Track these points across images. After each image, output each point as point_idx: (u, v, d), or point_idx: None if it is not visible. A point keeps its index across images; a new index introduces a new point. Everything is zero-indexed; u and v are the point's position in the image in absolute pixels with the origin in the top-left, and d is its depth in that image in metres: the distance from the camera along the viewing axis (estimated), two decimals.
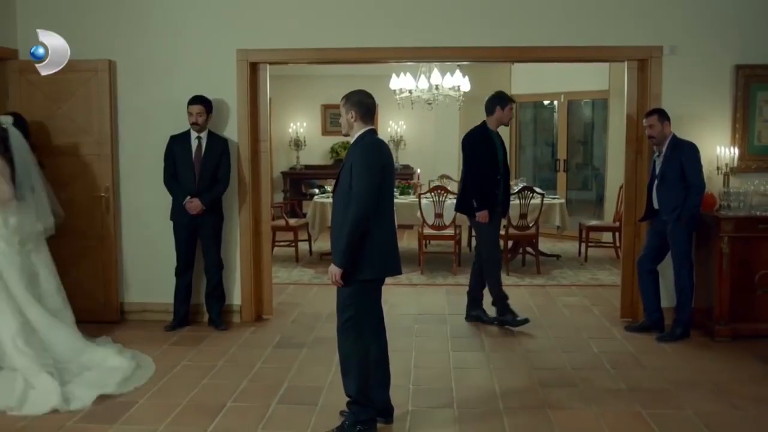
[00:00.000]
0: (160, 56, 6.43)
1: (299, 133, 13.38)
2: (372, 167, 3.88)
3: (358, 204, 3.84)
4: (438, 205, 8.54)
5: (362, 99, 4.08)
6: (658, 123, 5.81)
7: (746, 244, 5.79)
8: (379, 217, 3.94)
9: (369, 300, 4.08)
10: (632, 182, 6.39)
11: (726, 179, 6.02)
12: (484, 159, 6.22)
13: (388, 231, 4.03)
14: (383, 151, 4.01)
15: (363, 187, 3.86)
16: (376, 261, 3.96)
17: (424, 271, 8.69)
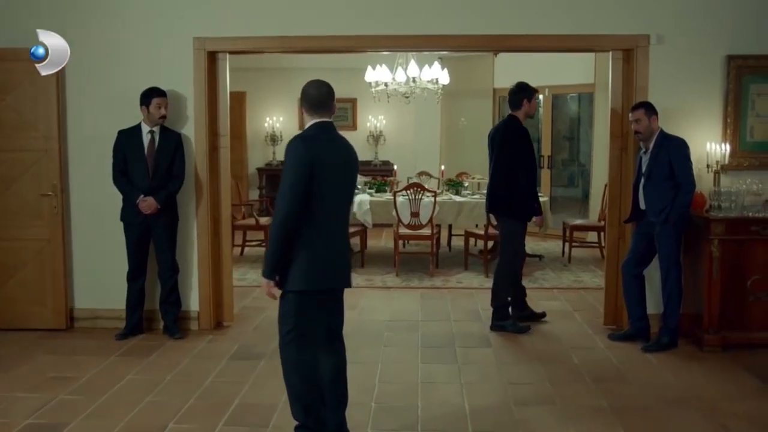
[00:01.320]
0: (111, 45, 5.98)
1: (275, 127, 12.93)
2: (296, 165, 3.45)
3: (279, 206, 3.47)
4: (414, 204, 8.12)
5: (308, 90, 3.69)
6: (645, 117, 5.41)
7: (738, 246, 5.41)
8: (315, 221, 3.51)
9: (311, 313, 3.64)
10: (617, 180, 5.99)
11: (716, 177, 5.63)
12: (531, 156, 6.02)
13: (329, 238, 3.58)
14: (319, 145, 3.55)
15: (285, 187, 3.47)
16: (310, 271, 3.54)
17: (399, 272, 8.27)
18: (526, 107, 5.97)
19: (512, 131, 5.98)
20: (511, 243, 6.04)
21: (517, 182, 5.93)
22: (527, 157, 5.98)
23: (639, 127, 5.45)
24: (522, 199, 5.96)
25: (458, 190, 8.93)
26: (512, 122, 6.04)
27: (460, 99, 12.05)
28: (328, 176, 3.52)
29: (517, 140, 5.95)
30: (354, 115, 12.97)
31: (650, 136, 5.44)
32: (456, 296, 7.30)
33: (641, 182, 5.55)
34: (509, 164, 5.94)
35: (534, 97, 6.03)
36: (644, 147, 5.53)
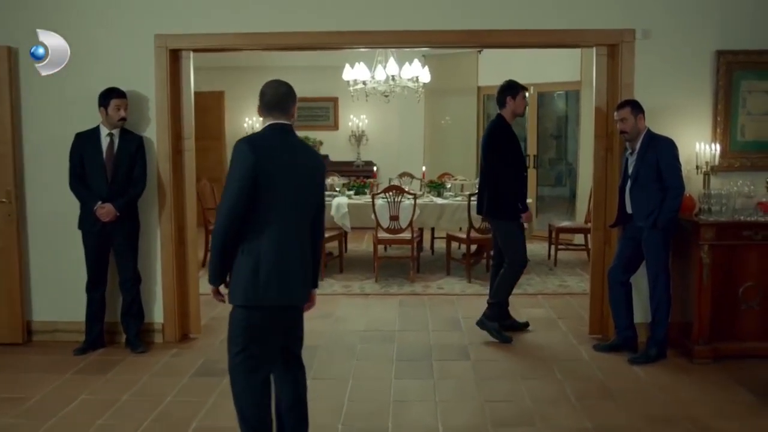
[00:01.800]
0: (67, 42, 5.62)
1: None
2: (240, 169, 3.16)
3: (220, 213, 3.21)
4: (393, 207, 7.81)
5: (264, 89, 3.41)
6: (631, 116, 5.13)
7: (729, 252, 5.12)
8: (263, 231, 3.21)
9: (262, 332, 3.31)
10: (602, 182, 5.69)
11: (706, 179, 5.34)
12: (516, 155, 5.77)
13: (280, 249, 3.27)
14: (268, 148, 3.24)
15: (227, 192, 3.19)
16: (255, 284, 3.23)
17: (378, 278, 7.96)
18: (512, 105, 5.71)
19: (495, 132, 5.79)
20: (510, 244, 5.79)
21: (505, 184, 5.70)
22: (513, 158, 5.74)
23: (625, 127, 5.16)
24: (509, 200, 5.71)
25: (440, 191, 8.62)
26: (497, 122, 5.83)
27: (444, 97, 11.76)
28: (278, 182, 3.22)
29: (500, 141, 5.73)
30: (335, 114, 12.66)
31: (637, 136, 5.15)
32: (436, 303, 7.00)
33: (627, 185, 5.26)
34: (495, 166, 5.73)
35: (519, 94, 5.75)
36: (630, 148, 5.25)
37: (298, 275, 3.37)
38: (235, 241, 3.21)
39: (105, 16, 5.62)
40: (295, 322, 3.53)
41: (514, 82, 5.81)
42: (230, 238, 3.20)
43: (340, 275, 8.21)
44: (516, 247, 5.78)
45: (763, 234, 5.08)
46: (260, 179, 3.15)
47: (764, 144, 5.52)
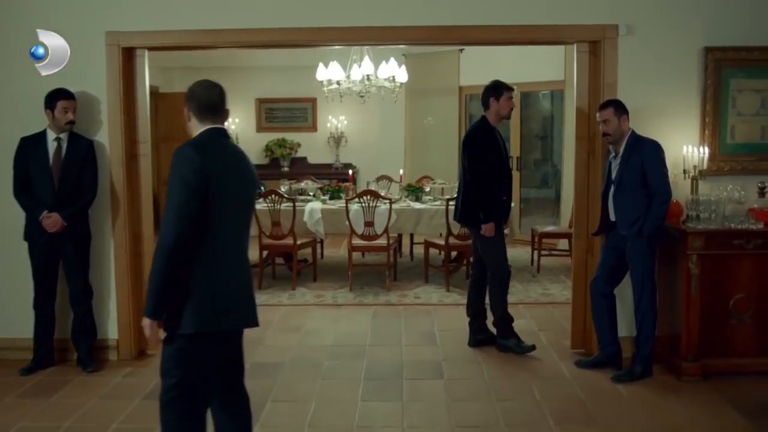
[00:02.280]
0: (10, 40, 5.25)
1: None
2: (188, 179, 2.81)
3: (165, 231, 2.81)
4: (368, 212, 7.45)
5: (197, 91, 3.08)
6: (614, 117, 4.80)
7: (719, 262, 4.80)
8: (212, 247, 2.89)
9: (203, 361, 2.96)
10: (584, 188, 5.36)
11: (694, 184, 5.02)
12: (491, 161, 5.39)
13: (229, 266, 2.95)
14: (214, 155, 2.92)
15: (173, 206, 2.82)
16: (208, 308, 2.88)
17: (353, 287, 7.60)
18: (495, 107, 5.37)
19: (474, 134, 5.47)
20: (491, 254, 5.48)
21: (483, 189, 5.36)
22: (492, 162, 5.40)
23: (607, 129, 4.83)
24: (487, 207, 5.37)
25: (418, 196, 8.27)
26: (478, 124, 5.52)
27: (425, 98, 11.43)
28: (225, 192, 2.89)
29: (479, 144, 5.40)
30: (314, 115, 12.30)
31: (620, 138, 4.83)
32: (412, 314, 6.65)
33: (611, 190, 4.92)
34: (472, 170, 5.39)
35: (504, 96, 5.38)
36: (614, 151, 4.92)
37: (249, 293, 3.07)
38: (185, 259, 2.84)
39: (52, 12, 5.24)
40: (240, 348, 3.19)
41: (499, 82, 5.46)
42: (180, 259, 2.83)
43: (314, 284, 7.85)
44: (497, 258, 5.46)
45: (755, 243, 4.76)
46: (211, 189, 2.83)
47: (755, 146, 5.20)
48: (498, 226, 5.39)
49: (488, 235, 5.34)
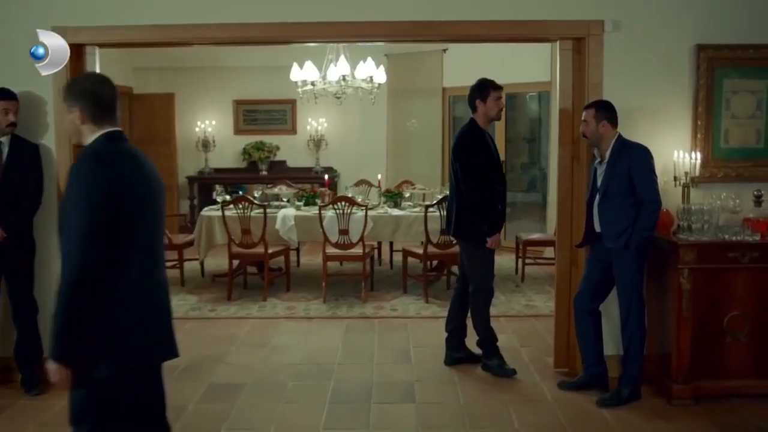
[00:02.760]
0: None
1: (207, 132, 11.80)
2: (91, 198, 2.42)
3: (71, 261, 2.42)
4: (342, 220, 7.07)
5: (88, 87, 2.64)
6: (593, 120, 4.46)
7: (712, 277, 4.44)
8: (125, 272, 2.49)
9: (120, 405, 2.57)
10: (567, 196, 4.99)
11: (685, 192, 4.66)
12: (486, 167, 4.97)
13: (142, 293, 2.57)
14: (120, 165, 2.54)
15: (77, 233, 2.42)
16: (127, 344, 2.50)
17: (328, 298, 7.21)
18: (482, 108, 4.95)
19: (463, 139, 5.03)
20: (476, 270, 5.09)
21: (473, 199, 4.95)
22: (484, 169, 4.96)
23: (585, 129, 4.51)
24: (477, 218, 4.96)
25: (397, 202, 7.89)
26: (466, 128, 5.09)
27: (407, 99, 11.07)
28: (136, 207, 2.52)
29: (468, 149, 4.98)
30: (293, 117, 11.89)
31: (599, 141, 4.49)
32: (387, 328, 6.28)
33: (596, 199, 4.56)
34: (462, 178, 4.97)
35: (490, 96, 4.92)
36: (599, 156, 4.56)
37: (168, 321, 2.69)
38: (95, 289, 2.44)
39: None
40: (161, 380, 2.81)
41: (484, 81, 5.02)
42: (89, 285, 2.43)
43: (287, 295, 7.46)
44: (483, 275, 5.07)
45: (751, 256, 4.40)
46: (119, 202, 2.45)
47: (751, 151, 4.85)
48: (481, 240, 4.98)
49: (495, 248, 4.97)
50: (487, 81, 5.02)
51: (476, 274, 5.09)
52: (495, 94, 4.93)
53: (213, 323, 6.53)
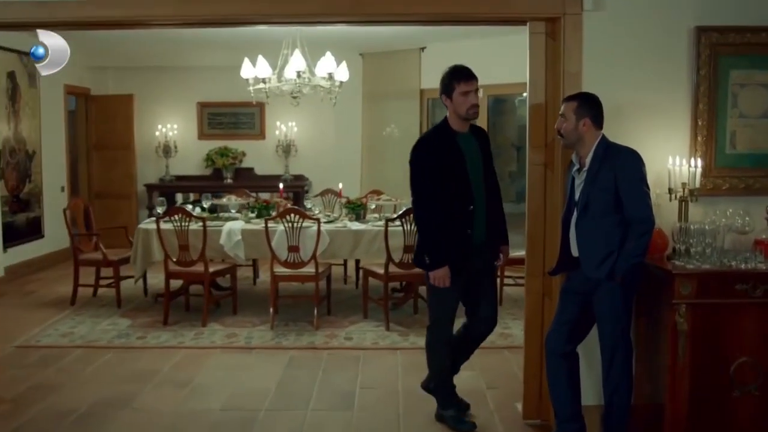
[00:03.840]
0: None
1: (169, 137, 10.93)
2: None
3: None
4: (292, 235, 6.19)
5: None
6: (572, 115, 3.59)
7: (716, 314, 3.56)
8: None
9: None
10: (539, 210, 4.12)
11: (683, 208, 3.79)
12: (445, 179, 3.94)
13: None
14: None
15: None
16: None
17: (277, 323, 6.34)
18: (450, 106, 3.97)
19: (418, 144, 4.07)
20: (431, 303, 4.24)
21: (425, 220, 4.02)
22: (442, 182, 3.98)
23: (561, 126, 3.63)
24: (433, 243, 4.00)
25: (359, 214, 7.01)
26: (430, 130, 4.21)
27: (383, 102, 10.23)
28: None
29: (421, 156, 4.01)
30: (262, 121, 11.02)
31: (577, 143, 3.60)
32: (335, 362, 5.41)
33: (574, 215, 3.67)
34: (413, 193, 4.05)
35: (456, 90, 3.90)
36: (577, 161, 3.68)
37: None
38: None
39: None
40: None
41: (449, 70, 3.99)
42: None
43: (231, 319, 6.59)
44: (437, 314, 4.14)
45: (764, 288, 3.51)
46: None
47: (763, 158, 3.97)
48: (456, 272, 3.97)
49: (438, 285, 3.99)
50: (454, 71, 3.97)
51: (431, 309, 4.23)
52: (461, 88, 3.90)
53: (138, 354, 5.65)
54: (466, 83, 3.91)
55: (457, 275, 3.95)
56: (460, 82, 3.93)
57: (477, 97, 3.93)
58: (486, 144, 4.11)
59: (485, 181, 4.02)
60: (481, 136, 4.10)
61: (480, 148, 4.04)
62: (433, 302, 4.18)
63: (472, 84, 3.90)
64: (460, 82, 3.93)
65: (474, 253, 3.98)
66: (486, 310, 4.12)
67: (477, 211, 3.96)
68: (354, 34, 8.83)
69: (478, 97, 3.94)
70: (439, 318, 4.12)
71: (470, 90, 3.90)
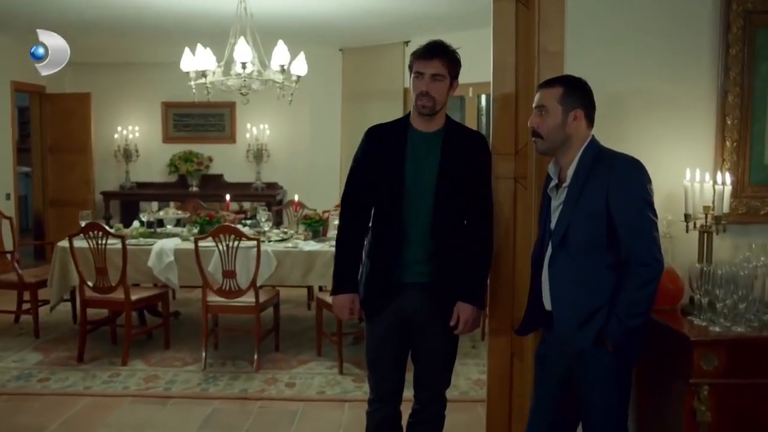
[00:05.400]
0: None
1: (130, 140, 9.91)
2: None
3: None
4: (227, 258, 5.13)
5: None
6: (557, 106, 2.54)
7: (751, 401, 2.46)
8: None
9: None
10: (506, 242, 3.03)
11: (705, 241, 2.70)
12: (364, 180, 2.99)
13: None
14: None
15: None
16: None
17: (211, 363, 5.28)
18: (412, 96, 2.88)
19: (367, 139, 3.05)
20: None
21: (340, 225, 3.07)
22: (359, 180, 3.01)
23: (539, 123, 2.56)
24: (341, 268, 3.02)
25: (318, 231, 5.94)
26: (384, 125, 3.09)
27: (365, 101, 9.19)
28: None
29: (360, 147, 3.04)
30: (232, 123, 9.98)
31: (562, 145, 2.52)
32: (265, 419, 4.37)
33: (548, 251, 2.58)
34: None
35: (413, 69, 2.83)
36: (555, 174, 2.60)
37: None
38: None
39: None
40: None
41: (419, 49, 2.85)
42: None
43: (160, 354, 5.56)
44: (369, 371, 3.09)
45: None
46: None
47: None
48: (373, 309, 2.95)
49: (338, 315, 3.03)
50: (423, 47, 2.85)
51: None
52: (415, 67, 2.82)
53: (28, 403, 4.63)
54: (420, 62, 2.82)
55: (373, 313, 2.92)
56: (415, 59, 2.85)
57: (434, 83, 2.80)
58: (470, 157, 2.90)
59: (443, 199, 2.88)
60: (465, 145, 2.91)
61: (454, 158, 2.87)
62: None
63: (428, 64, 2.79)
64: (415, 60, 2.85)
65: (408, 290, 2.89)
66: (424, 384, 3.03)
67: (413, 233, 2.86)
68: (333, 27, 7.89)
69: (436, 84, 2.79)
70: (372, 386, 3.05)
71: (423, 72, 2.80)
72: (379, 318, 2.91)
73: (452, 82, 2.80)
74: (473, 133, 3.02)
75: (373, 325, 2.95)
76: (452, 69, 2.79)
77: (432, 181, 2.85)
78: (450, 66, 2.78)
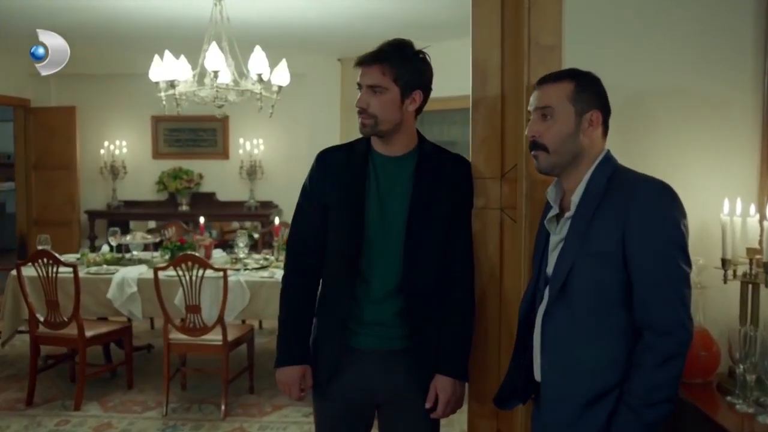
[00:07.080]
0: None
1: (117, 155, 9.37)
2: None
3: None
4: (191, 291, 4.52)
5: None
6: (568, 106, 1.89)
7: None
8: None
9: None
10: (491, 289, 2.38)
11: (751, 295, 2.03)
12: (314, 218, 2.32)
13: None
14: None
15: None
16: None
17: (170, 410, 4.66)
18: None
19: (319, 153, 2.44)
20: None
21: (284, 274, 2.41)
22: (309, 217, 2.35)
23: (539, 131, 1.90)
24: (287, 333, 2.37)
25: None
26: (338, 147, 2.52)
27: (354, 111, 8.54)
28: None
29: (310, 175, 2.39)
30: (225, 138, 9.41)
31: (573, 161, 1.88)
32: None
33: (543, 302, 1.93)
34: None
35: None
36: (556, 201, 1.97)
37: None
38: None
39: None
40: None
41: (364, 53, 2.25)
42: None
43: (121, 396, 4.98)
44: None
45: None
46: None
47: None
48: (321, 382, 2.31)
49: (284, 390, 2.34)
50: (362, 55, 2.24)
51: None
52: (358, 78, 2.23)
53: None
54: (360, 70, 2.20)
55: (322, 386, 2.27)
56: (356, 67, 2.22)
57: (373, 97, 2.16)
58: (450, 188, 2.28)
59: (415, 245, 2.21)
60: (444, 173, 2.28)
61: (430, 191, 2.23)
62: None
63: (365, 72, 2.18)
64: (359, 68, 2.22)
65: (368, 358, 2.25)
66: None
67: (376, 288, 2.22)
68: (331, 36, 7.34)
69: (376, 98, 2.16)
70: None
71: (361, 83, 2.20)
72: (330, 393, 2.27)
73: (408, 94, 2.15)
74: (454, 156, 2.34)
75: (324, 403, 2.31)
76: (403, 77, 2.13)
77: (401, 222, 2.20)
78: (398, 73, 2.13)
